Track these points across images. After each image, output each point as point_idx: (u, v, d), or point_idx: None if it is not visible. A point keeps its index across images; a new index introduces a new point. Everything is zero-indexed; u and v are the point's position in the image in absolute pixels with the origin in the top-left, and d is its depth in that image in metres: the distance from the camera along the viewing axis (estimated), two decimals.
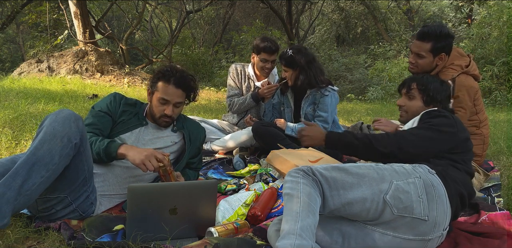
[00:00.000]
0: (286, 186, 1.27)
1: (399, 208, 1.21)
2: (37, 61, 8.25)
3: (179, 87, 1.80)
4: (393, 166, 1.33)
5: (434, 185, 1.27)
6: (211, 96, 7.73)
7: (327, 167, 1.29)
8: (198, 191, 1.46)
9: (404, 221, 1.22)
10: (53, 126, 1.36)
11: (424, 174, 1.30)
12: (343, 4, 16.64)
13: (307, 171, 1.27)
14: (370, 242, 1.26)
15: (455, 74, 2.13)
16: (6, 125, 3.06)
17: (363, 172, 1.27)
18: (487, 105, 6.90)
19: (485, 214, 1.61)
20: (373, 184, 1.24)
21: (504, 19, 7.82)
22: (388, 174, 1.28)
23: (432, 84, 1.70)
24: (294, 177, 1.26)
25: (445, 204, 1.26)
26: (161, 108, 1.81)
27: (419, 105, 1.71)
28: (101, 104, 1.84)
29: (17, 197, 1.26)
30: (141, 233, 1.36)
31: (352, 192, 1.23)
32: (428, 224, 1.23)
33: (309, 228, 1.15)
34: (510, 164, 2.51)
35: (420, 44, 2.14)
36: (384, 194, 1.22)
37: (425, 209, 1.22)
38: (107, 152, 1.60)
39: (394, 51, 11.69)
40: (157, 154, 1.57)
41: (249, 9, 16.00)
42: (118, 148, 1.59)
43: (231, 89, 3.07)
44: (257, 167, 2.40)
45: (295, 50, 2.56)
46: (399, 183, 1.25)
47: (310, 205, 1.19)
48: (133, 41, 18.34)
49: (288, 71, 2.60)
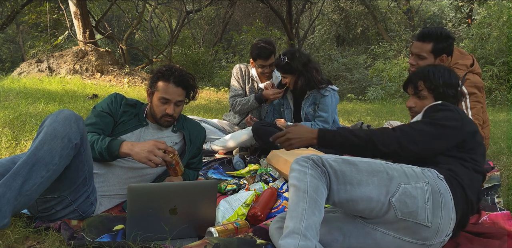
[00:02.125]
0: (293, 176, 1.22)
1: (403, 212, 1.19)
2: (37, 61, 8.25)
3: (179, 86, 1.81)
4: (403, 167, 1.28)
5: (441, 192, 1.23)
6: (211, 96, 7.73)
7: (337, 159, 1.24)
8: (198, 191, 1.46)
9: (406, 225, 1.20)
10: (54, 127, 1.36)
11: (432, 179, 1.25)
12: (343, 4, 16.64)
13: (317, 161, 1.21)
14: (370, 241, 1.26)
15: (461, 74, 2.13)
16: (6, 125, 3.06)
17: (373, 170, 1.23)
18: (487, 105, 6.90)
19: (485, 215, 1.60)
20: (381, 184, 1.21)
21: (504, 19, 7.83)
22: (398, 176, 1.23)
23: (441, 79, 1.52)
24: (302, 167, 1.21)
25: (450, 212, 1.23)
26: (162, 108, 1.81)
27: (430, 103, 1.55)
28: (102, 104, 1.84)
29: (17, 197, 1.26)
30: (141, 233, 1.36)
31: (359, 189, 1.19)
32: (431, 230, 1.20)
33: (314, 227, 1.14)
34: (510, 164, 2.51)
35: (421, 45, 2.14)
36: (391, 196, 1.19)
37: (429, 216, 1.19)
38: (109, 151, 1.59)
39: (394, 51, 11.68)
40: (159, 144, 1.57)
41: (249, 9, 16.01)
42: (120, 147, 1.58)
43: (235, 89, 3.07)
44: (257, 167, 2.40)
45: (290, 56, 2.55)
46: (407, 186, 1.21)
47: (317, 201, 1.16)
48: (133, 41, 18.34)
49: (288, 77, 2.62)
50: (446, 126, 1.35)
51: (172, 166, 1.62)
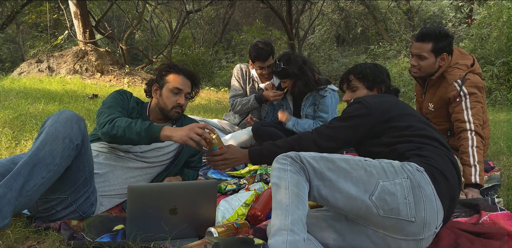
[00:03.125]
0: (274, 175, 1.23)
1: (385, 210, 1.18)
2: (37, 61, 8.25)
3: (189, 78, 1.92)
4: (382, 163, 1.27)
5: (421, 186, 1.22)
6: (211, 96, 7.73)
7: (315, 157, 1.25)
8: (198, 191, 1.46)
9: (391, 222, 1.19)
10: (55, 127, 1.36)
11: (412, 173, 1.24)
12: (343, 4, 16.65)
13: (295, 158, 1.23)
14: (364, 238, 1.25)
15: (462, 74, 2.13)
16: (6, 125, 3.06)
17: (351, 166, 1.23)
18: (487, 105, 6.90)
19: (486, 215, 1.60)
20: (359, 181, 1.21)
21: (503, 19, 7.83)
22: (376, 173, 1.23)
23: (367, 69, 1.72)
24: (281, 165, 1.23)
25: (434, 203, 1.21)
26: (174, 99, 1.87)
27: (364, 93, 1.72)
28: (113, 97, 1.84)
29: (18, 197, 1.26)
30: (141, 233, 1.36)
31: (337, 185, 1.20)
32: (416, 225, 1.19)
33: (299, 221, 1.14)
34: (510, 164, 2.51)
35: (421, 45, 2.14)
36: (370, 195, 1.19)
37: (411, 211, 1.18)
38: (150, 132, 1.56)
39: (394, 51, 11.69)
40: (199, 124, 1.58)
41: (249, 9, 16.02)
42: (162, 130, 1.56)
43: (235, 90, 3.07)
44: (257, 167, 2.40)
45: (284, 61, 2.54)
46: (386, 184, 1.20)
47: (299, 195, 1.17)
48: (133, 41, 18.35)
49: (286, 82, 2.62)
50: (354, 116, 1.48)
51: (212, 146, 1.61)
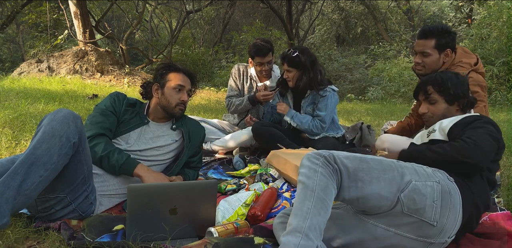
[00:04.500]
0: (302, 172, 1.19)
1: (410, 208, 1.18)
2: (37, 61, 8.25)
3: (189, 77, 1.97)
4: (414, 166, 1.28)
5: (451, 193, 1.22)
6: (211, 96, 7.72)
7: (349, 156, 1.22)
8: (198, 191, 1.45)
9: (410, 220, 1.19)
10: (52, 125, 1.36)
11: (443, 180, 1.25)
12: (343, 4, 16.64)
13: (329, 158, 1.19)
14: (370, 237, 1.25)
15: (465, 72, 2.13)
16: (6, 125, 3.06)
17: (385, 167, 1.22)
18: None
19: (486, 215, 1.60)
20: (392, 181, 1.20)
21: (503, 19, 7.83)
22: (408, 173, 1.23)
23: (449, 81, 1.57)
24: (312, 164, 1.18)
25: (457, 213, 1.22)
26: (176, 96, 1.90)
27: (444, 107, 1.60)
28: (105, 102, 1.86)
29: (16, 196, 1.26)
30: (141, 233, 1.36)
31: (370, 186, 1.18)
32: (435, 229, 1.19)
33: (317, 227, 1.11)
34: (510, 164, 2.51)
35: (424, 42, 2.14)
36: (400, 192, 1.18)
37: (436, 215, 1.18)
38: (124, 168, 1.68)
39: (394, 51, 11.69)
40: (167, 180, 1.72)
41: (249, 9, 16.01)
42: (136, 168, 1.68)
43: (231, 90, 3.08)
44: (257, 167, 2.40)
45: (300, 50, 2.54)
46: (418, 184, 1.20)
47: (324, 201, 1.13)
48: (133, 41, 18.34)
49: (292, 71, 2.57)
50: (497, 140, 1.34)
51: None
